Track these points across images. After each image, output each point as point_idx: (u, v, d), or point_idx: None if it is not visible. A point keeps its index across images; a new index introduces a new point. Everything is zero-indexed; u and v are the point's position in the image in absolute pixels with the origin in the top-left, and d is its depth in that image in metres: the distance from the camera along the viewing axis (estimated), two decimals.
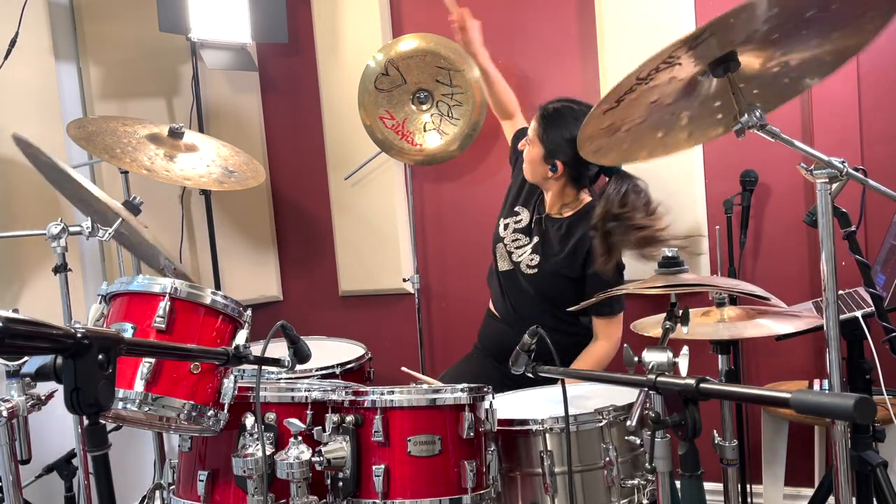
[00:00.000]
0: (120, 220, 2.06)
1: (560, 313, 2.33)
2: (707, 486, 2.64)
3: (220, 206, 3.23)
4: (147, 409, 1.60)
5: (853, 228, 1.70)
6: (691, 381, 1.15)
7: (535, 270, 2.42)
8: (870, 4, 1.34)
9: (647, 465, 1.63)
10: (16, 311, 1.55)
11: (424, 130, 2.94)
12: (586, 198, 2.43)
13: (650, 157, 1.74)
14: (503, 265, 2.50)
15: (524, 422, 1.80)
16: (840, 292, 2.00)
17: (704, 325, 1.96)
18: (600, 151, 1.68)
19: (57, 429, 2.59)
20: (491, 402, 1.76)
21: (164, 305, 1.65)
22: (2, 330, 0.84)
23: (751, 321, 1.94)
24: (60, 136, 2.73)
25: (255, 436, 1.61)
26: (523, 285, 2.44)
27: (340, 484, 1.64)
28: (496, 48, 3.03)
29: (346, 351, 2.55)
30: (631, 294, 2.67)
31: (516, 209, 2.53)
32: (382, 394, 1.66)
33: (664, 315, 1.60)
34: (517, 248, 2.48)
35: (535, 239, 2.45)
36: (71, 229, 2.18)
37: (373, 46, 3.03)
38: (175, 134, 2.43)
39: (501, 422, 1.79)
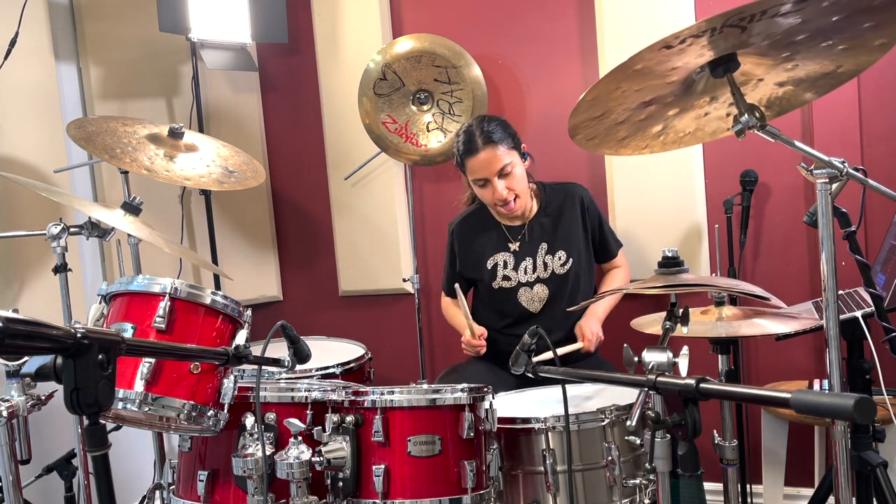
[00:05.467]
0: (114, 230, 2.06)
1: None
2: (707, 486, 2.65)
3: (220, 206, 3.23)
4: (147, 409, 1.60)
5: (853, 228, 1.70)
6: (691, 381, 1.15)
7: (570, 264, 2.45)
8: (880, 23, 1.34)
9: (647, 464, 1.63)
10: (16, 311, 1.56)
11: (428, 130, 2.94)
12: (532, 184, 2.51)
13: (647, 151, 1.74)
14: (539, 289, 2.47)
15: (527, 420, 1.80)
16: (840, 292, 2.00)
17: (703, 324, 1.96)
18: (595, 140, 1.67)
19: (57, 429, 2.59)
20: (491, 402, 1.76)
21: (164, 305, 1.65)
22: (2, 330, 0.84)
23: (749, 321, 1.94)
24: (60, 136, 2.73)
25: (255, 436, 1.61)
26: (567, 286, 2.46)
27: (340, 484, 1.65)
28: (496, 48, 3.03)
29: (346, 351, 2.55)
30: (631, 294, 2.68)
31: (494, 259, 2.50)
32: (382, 394, 1.66)
33: (664, 314, 1.60)
34: (528, 271, 2.47)
35: (543, 246, 2.46)
36: (71, 229, 2.18)
37: (373, 46, 3.03)
38: (175, 134, 2.43)
39: (503, 420, 1.80)
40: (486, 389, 1.73)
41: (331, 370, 2.30)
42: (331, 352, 2.52)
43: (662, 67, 1.41)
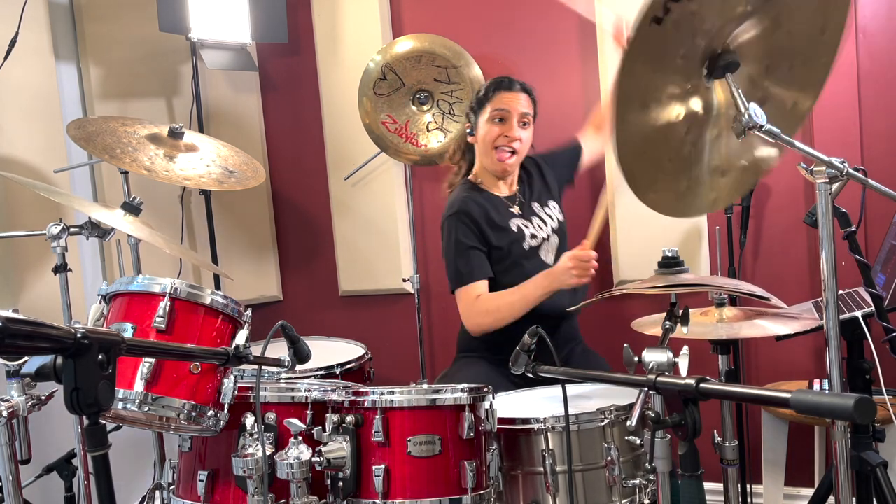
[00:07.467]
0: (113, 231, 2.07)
1: None
2: (707, 486, 2.63)
3: (220, 206, 3.23)
4: (147, 409, 1.60)
5: (853, 228, 1.70)
6: (691, 381, 1.15)
7: (561, 214, 2.51)
8: None
9: (647, 464, 1.63)
10: (16, 311, 1.56)
11: (427, 130, 2.94)
12: None
13: (719, 203, 1.72)
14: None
15: (526, 420, 1.80)
16: (840, 292, 2.00)
17: (703, 325, 1.96)
18: (659, 199, 1.59)
19: (57, 429, 2.59)
20: (491, 402, 1.76)
21: (164, 305, 1.65)
22: (2, 330, 0.84)
23: (749, 321, 1.94)
24: (60, 136, 2.73)
25: (255, 436, 1.61)
26: (565, 232, 2.51)
27: (340, 484, 1.64)
28: (497, 48, 3.03)
29: (346, 351, 2.55)
30: (631, 294, 2.68)
31: (525, 223, 2.45)
32: (382, 394, 1.66)
33: (664, 315, 1.60)
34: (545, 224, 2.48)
35: (535, 205, 2.49)
36: (71, 229, 2.18)
37: (373, 46, 3.03)
38: (175, 134, 2.43)
39: (503, 420, 1.80)
40: (486, 389, 1.73)
41: (331, 370, 2.30)
42: (331, 352, 2.52)
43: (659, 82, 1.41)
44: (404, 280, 3.18)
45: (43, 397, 1.89)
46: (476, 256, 2.31)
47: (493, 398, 1.78)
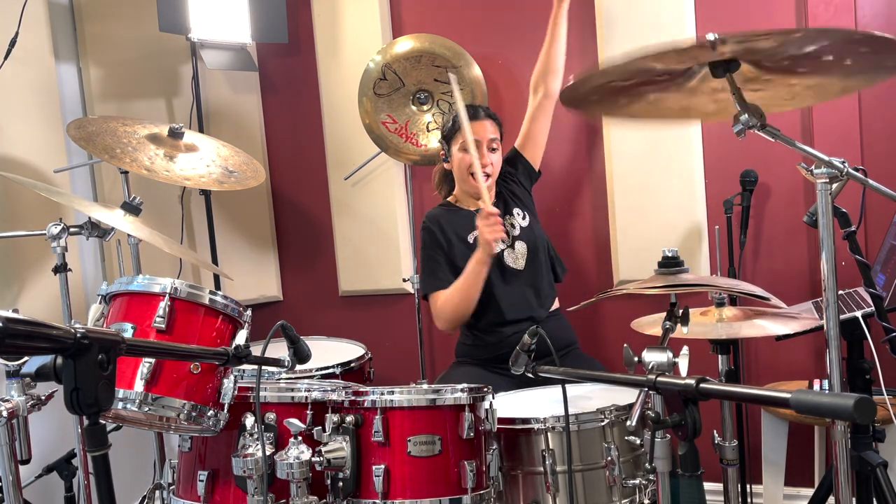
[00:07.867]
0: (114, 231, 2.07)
1: None
2: (707, 486, 2.63)
3: (220, 206, 3.23)
4: (147, 409, 1.60)
5: (853, 228, 1.70)
6: (691, 381, 1.15)
7: (527, 219, 2.56)
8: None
9: (647, 464, 1.63)
10: (16, 311, 1.55)
11: (428, 130, 2.94)
12: None
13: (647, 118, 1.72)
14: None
15: (526, 420, 1.80)
16: (840, 292, 2.00)
17: (703, 325, 1.96)
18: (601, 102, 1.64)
19: (57, 429, 2.59)
20: (491, 402, 1.76)
21: (164, 305, 1.65)
22: (2, 330, 0.84)
23: (749, 321, 1.94)
24: (60, 137, 2.73)
25: (255, 436, 1.61)
26: (535, 236, 2.55)
27: (340, 484, 1.65)
28: (497, 49, 3.03)
29: (346, 351, 2.55)
30: (631, 294, 2.68)
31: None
32: (382, 394, 1.66)
33: (664, 315, 1.60)
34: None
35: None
36: (71, 229, 2.18)
37: (373, 46, 3.03)
38: (175, 134, 2.43)
39: (503, 420, 1.80)
40: (486, 389, 1.73)
41: (331, 370, 2.30)
42: (331, 352, 2.52)
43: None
44: (404, 280, 3.17)
45: (43, 397, 1.89)
46: (439, 269, 2.48)
47: (493, 398, 1.78)
